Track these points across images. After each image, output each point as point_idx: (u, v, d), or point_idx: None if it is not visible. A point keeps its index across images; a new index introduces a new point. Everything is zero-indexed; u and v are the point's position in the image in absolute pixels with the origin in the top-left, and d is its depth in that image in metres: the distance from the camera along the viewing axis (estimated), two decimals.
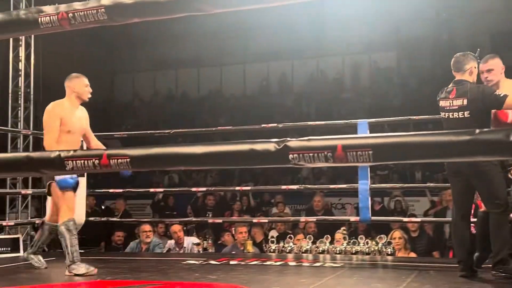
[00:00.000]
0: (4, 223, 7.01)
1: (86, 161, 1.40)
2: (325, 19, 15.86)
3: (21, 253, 6.11)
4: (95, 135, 5.36)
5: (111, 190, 7.47)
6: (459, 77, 4.38)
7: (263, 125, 6.91)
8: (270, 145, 1.28)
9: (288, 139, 1.28)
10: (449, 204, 6.41)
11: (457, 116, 4.31)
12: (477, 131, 1.32)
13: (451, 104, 4.37)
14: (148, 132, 8.57)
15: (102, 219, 7.88)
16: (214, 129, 8.14)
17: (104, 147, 4.81)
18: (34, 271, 4.95)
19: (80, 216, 6.31)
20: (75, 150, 1.43)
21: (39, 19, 1.36)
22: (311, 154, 1.25)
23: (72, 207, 4.71)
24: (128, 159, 1.37)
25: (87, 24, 1.36)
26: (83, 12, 1.34)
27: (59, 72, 5.66)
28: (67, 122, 4.73)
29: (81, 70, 4.98)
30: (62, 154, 1.42)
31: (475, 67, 4.39)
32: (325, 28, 16.14)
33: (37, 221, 7.01)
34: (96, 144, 5.02)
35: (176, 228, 7.15)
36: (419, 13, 15.29)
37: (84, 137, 5.02)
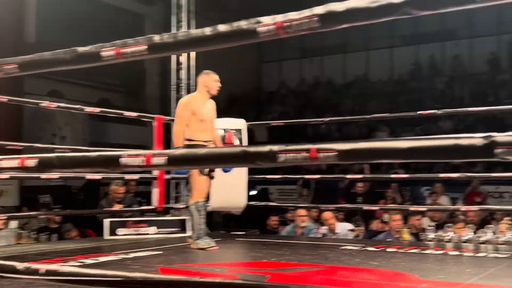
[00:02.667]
0: (174, 206, 7.46)
1: (296, 154, 1.54)
2: None
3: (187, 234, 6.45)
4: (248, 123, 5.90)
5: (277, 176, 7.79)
6: None
7: (419, 112, 6.82)
8: (477, 140, 1.31)
9: (495, 134, 1.31)
10: None
11: None
12: None
13: None
14: (299, 120, 8.82)
15: (262, 203, 8.11)
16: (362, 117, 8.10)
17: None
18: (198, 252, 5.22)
19: (241, 199, 6.66)
20: (286, 145, 1.57)
21: (258, 29, 1.53)
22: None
23: (203, 190, 5.28)
24: (336, 153, 1.49)
25: (299, 32, 1.51)
26: (297, 22, 1.48)
27: (216, 63, 6.06)
28: (199, 113, 5.29)
29: (230, 61, 5.30)
30: (274, 148, 1.57)
31: None
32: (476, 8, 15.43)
33: None
34: (215, 134, 5.59)
35: (328, 215, 7.26)
36: None
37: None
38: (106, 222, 6.25)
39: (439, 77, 16.42)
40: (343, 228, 7.29)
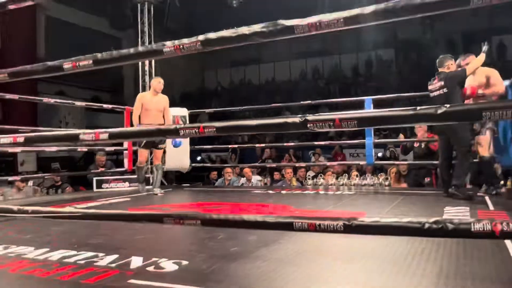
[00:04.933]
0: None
1: (191, 130, 1.60)
2: None
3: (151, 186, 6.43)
4: (193, 111, 5.79)
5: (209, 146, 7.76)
6: (441, 70, 4.45)
7: (301, 102, 7.03)
8: (296, 119, 1.40)
9: (308, 115, 1.38)
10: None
11: (439, 93, 4.37)
12: (444, 106, 1.37)
13: (435, 87, 4.42)
14: (227, 109, 8.87)
15: (200, 164, 8.15)
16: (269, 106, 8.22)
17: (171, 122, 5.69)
18: (162, 196, 5.31)
19: (186, 162, 6.67)
20: (184, 123, 1.62)
21: (164, 49, 1.56)
22: (320, 124, 1.36)
23: (141, 159, 5.51)
24: (214, 129, 1.56)
25: (190, 51, 1.55)
26: (187, 45, 1.53)
27: (171, 70, 6.02)
28: (145, 104, 5.33)
29: (182, 68, 5.30)
30: (178, 127, 1.62)
31: (451, 64, 4.43)
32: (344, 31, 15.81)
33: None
34: (168, 119, 5.48)
35: (247, 170, 7.39)
36: (412, 20, 14.75)
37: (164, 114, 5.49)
38: (94, 180, 6.14)
39: (320, 79, 16.76)
40: (256, 179, 7.43)
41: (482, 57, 4.27)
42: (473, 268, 1.97)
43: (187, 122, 6.59)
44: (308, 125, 1.37)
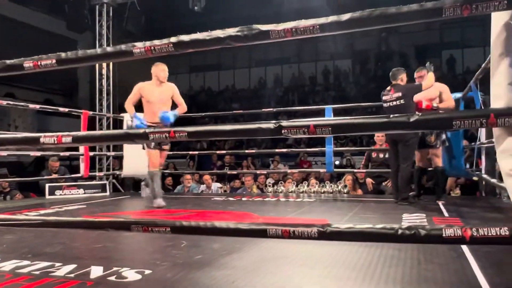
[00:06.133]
0: (96, 174, 7.16)
1: (161, 135, 1.55)
2: None
3: (108, 193, 6.26)
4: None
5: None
6: (394, 82, 4.65)
7: (263, 110, 7.05)
8: (271, 125, 1.38)
9: (282, 121, 1.37)
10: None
11: (395, 104, 4.53)
12: (400, 116, 1.43)
13: (391, 97, 4.58)
14: (186, 115, 8.74)
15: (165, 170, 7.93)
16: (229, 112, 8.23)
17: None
18: (119, 203, 5.12)
19: (144, 169, 6.49)
20: (154, 127, 1.57)
21: (134, 50, 1.51)
22: (295, 130, 1.36)
23: (154, 161, 4.62)
24: (186, 133, 1.52)
25: (161, 53, 1.51)
26: (159, 46, 1.48)
27: (130, 74, 5.85)
28: (147, 96, 4.58)
29: (142, 73, 5.01)
30: (147, 131, 1.57)
31: (404, 76, 4.66)
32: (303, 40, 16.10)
33: (117, 172, 7.18)
34: (182, 106, 4.76)
35: (206, 177, 7.31)
36: (368, 32, 15.25)
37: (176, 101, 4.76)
38: (47, 186, 5.87)
39: (279, 87, 16.91)
40: (216, 186, 7.37)
41: (431, 75, 4.53)
42: (435, 273, 2.02)
43: None
44: (283, 131, 1.37)
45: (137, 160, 6.26)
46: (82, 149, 6.08)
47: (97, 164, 7.82)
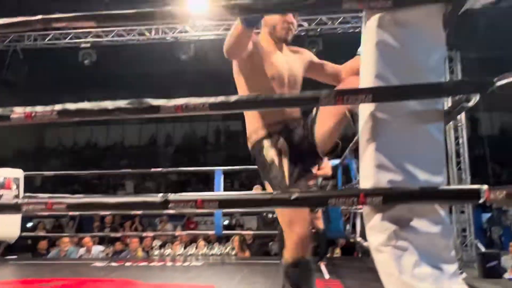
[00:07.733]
0: None
1: (36, 206, 1.42)
2: None
3: None
4: (29, 174, 4.85)
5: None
6: None
7: (152, 169, 6.87)
8: (157, 198, 1.36)
9: (169, 194, 1.36)
10: None
11: None
12: None
13: None
14: (69, 172, 8.19)
15: (39, 234, 7.23)
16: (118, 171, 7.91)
17: None
18: None
19: (15, 231, 5.83)
20: (30, 196, 1.45)
21: (11, 116, 1.40)
22: (182, 204, 1.35)
23: None
24: (65, 205, 1.42)
25: (43, 120, 1.42)
26: (40, 114, 1.40)
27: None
28: (271, 68, 2.21)
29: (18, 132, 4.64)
30: (19, 201, 1.43)
31: None
32: None
33: None
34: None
35: (86, 240, 6.80)
36: None
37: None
38: None
39: (170, 146, 16.79)
40: (97, 249, 6.89)
41: None
42: None
43: (21, 185, 5.86)
44: (169, 205, 1.35)
45: (4, 222, 5.61)
46: None
47: None
